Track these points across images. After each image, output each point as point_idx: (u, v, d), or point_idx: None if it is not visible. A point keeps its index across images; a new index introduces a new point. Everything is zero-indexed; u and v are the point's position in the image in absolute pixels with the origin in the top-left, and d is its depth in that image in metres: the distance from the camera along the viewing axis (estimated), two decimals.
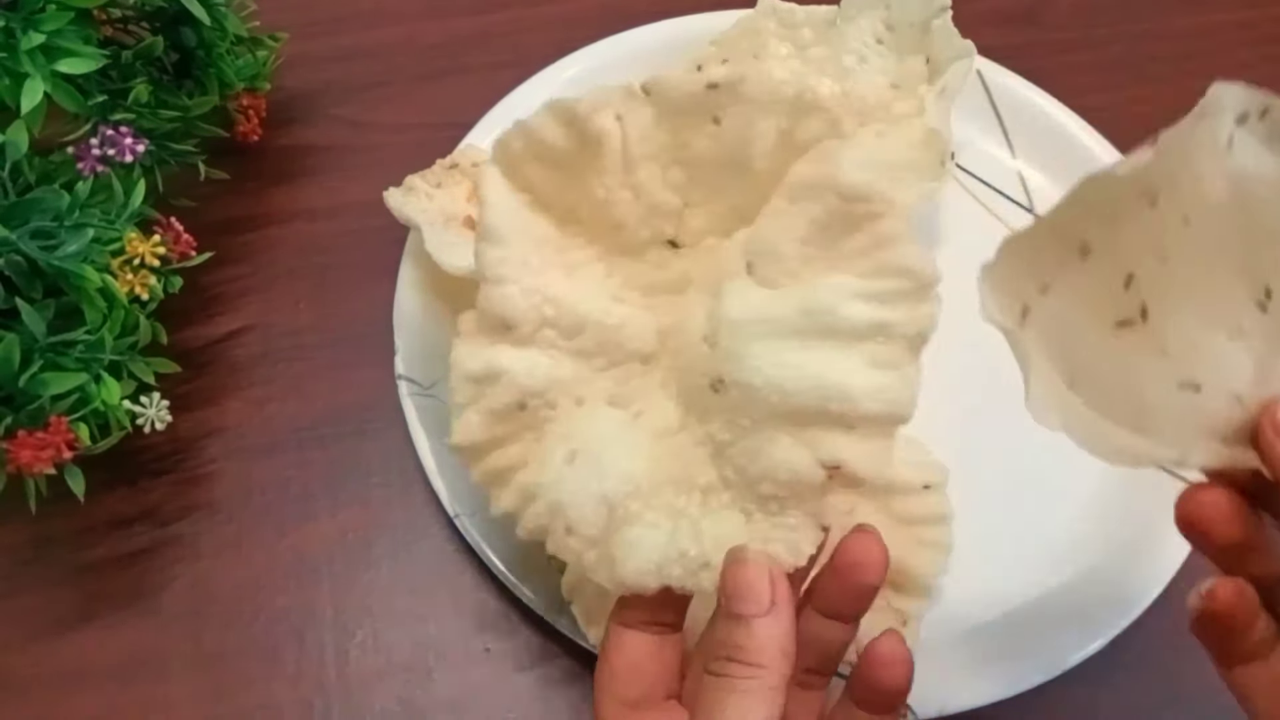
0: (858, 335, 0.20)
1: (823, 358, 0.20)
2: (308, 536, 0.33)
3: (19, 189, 0.29)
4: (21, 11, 0.28)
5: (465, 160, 0.36)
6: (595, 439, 0.23)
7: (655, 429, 0.23)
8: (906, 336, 0.20)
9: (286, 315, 0.37)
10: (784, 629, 0.20)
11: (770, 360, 0.20)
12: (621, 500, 0.22)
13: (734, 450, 0.22)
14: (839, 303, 0.20)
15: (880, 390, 0.20)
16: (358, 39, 0.45)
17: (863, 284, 0.20)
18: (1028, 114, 0.42)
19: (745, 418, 0.21)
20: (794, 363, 0.20)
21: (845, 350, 0.20)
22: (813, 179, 0.20)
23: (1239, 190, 0.20)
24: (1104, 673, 0.30)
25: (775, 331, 0.21)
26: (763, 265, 0.21)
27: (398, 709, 0.30)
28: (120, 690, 0.30)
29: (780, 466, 0.21)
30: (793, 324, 0.20)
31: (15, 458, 0.26)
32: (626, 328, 0.23)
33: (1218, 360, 0.20)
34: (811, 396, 0.20)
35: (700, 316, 0.22)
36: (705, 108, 0.22)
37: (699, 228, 0.23)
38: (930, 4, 0.37)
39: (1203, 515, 0.20)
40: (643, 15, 0.43)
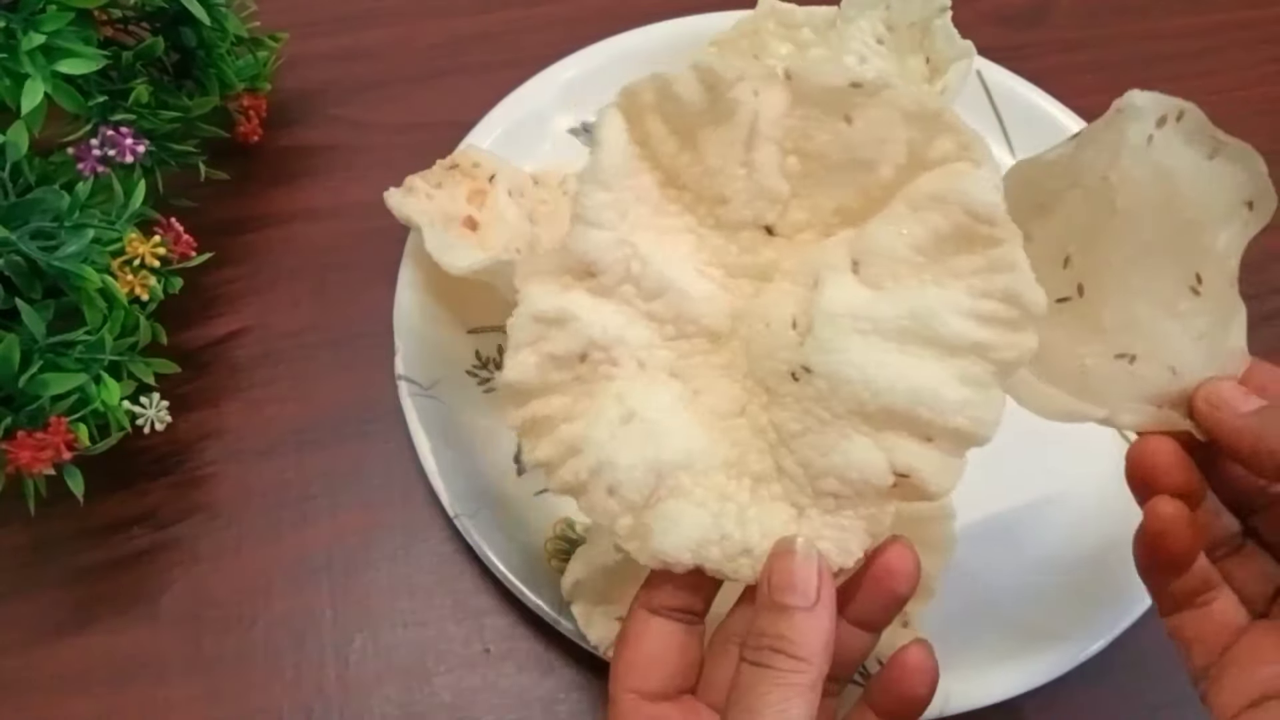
0: (956, 349, 0.21)
1: (920, 364, 0.21)
2: (307, 538, 0.33)
3: (19, 189, 0.29)
4: (22, 12, 0.28)
5: (465, 161, 0.36)
6: (654, 406, 0.22)
7: (713, 410, 0.23)
8: (1001, 361, 0.21)
9: (286, 316, 0.37)
10: (828, 625, 0.20)
11: (869, 357, 0.21)
12: (672, 472, 0.22)
13: (802, 442, 0.22)
14: (947, 314, 0.21)
15: (968, 405, 0.20)
16: (358, 39, 0.45)
17: (972, 301, 0.21)
18: (1028, 114, 0.42)
19: (825, 410, 0.21)
20: (893, 363, 0.21)
21: (942, 361, 0.21)
22: (944, 192, 0.21)
23: (1160, 184, 0.22)
24: (1104, 673, 0.30)
25: (877, 330, 0.21)
26: (870, 264, 0.21)
27: (397, 712, 0.30)
28: (118, 694, 0.30)
29: (852, 465, 0.21)
30: (897, 325, 0.21)
31: (15, 458, 0.26)
32: (706, 302, 0.23)
33: (1155, 336, 0.22)
34: (903, 399, 0.20)
35: (788, 305, 0.22)
36: (841, 104, 0.22)
37: (799, 220, 0.23)
38: (930, 4, 0.38)
39: (1153, 461, 0.22)
40: (643, 15, 0.43)
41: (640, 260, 0.23)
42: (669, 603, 0.22)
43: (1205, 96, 0.52)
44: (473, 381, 0.35)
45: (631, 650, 0.22)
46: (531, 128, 0.40)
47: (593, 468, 0.22)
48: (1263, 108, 0.46)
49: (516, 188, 0.37)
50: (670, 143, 0.23)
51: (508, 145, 0.39)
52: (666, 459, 0.22)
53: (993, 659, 0.30)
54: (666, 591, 0.22)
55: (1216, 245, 0.22)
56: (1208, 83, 0.47)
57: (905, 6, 0.38)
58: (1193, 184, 0.22)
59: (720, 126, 0.22)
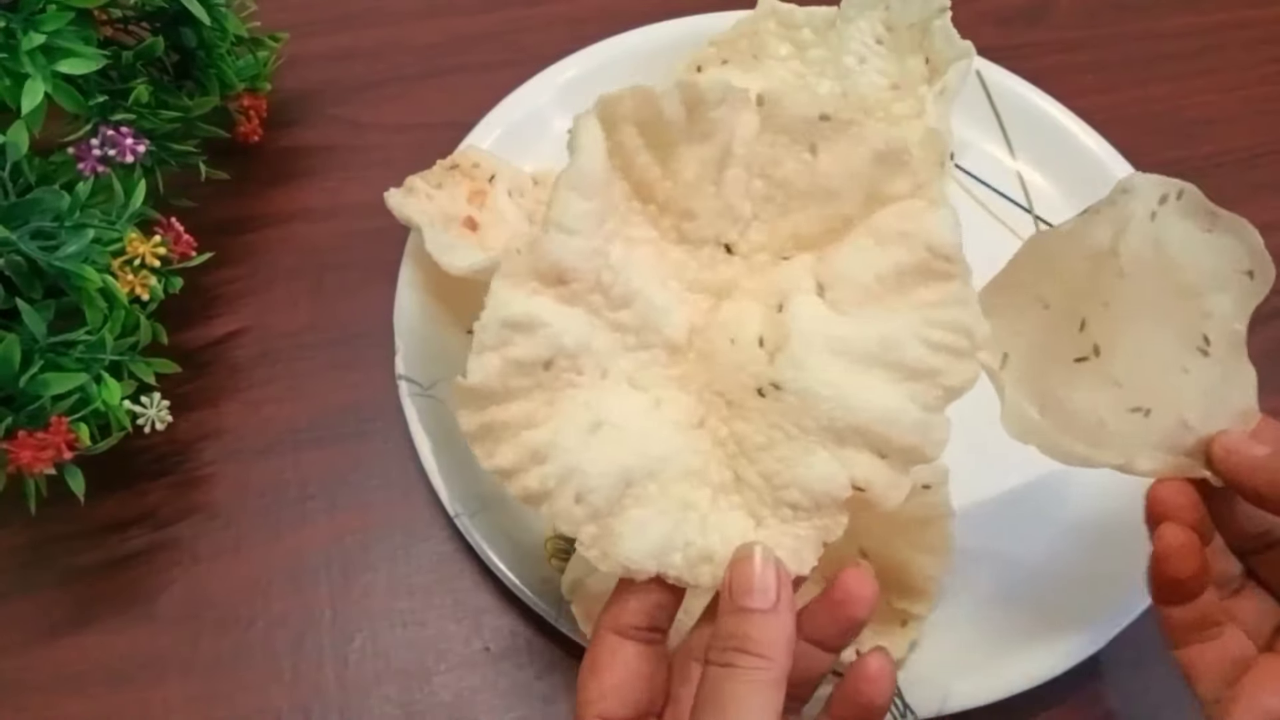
0: (914, 374, 0.22)
1: (883, 386, 0.22)
2: (306, 539, 0.33)
3: (19, 189, 0.29)
4: (22, 12, 0.28)
5: (465, 161, 0.36)
6: (622, 415, 0.23)
7: (674, 420, 0.23)
8: (948, 387, 0.23)
9: (286, 316, 0.37)
10: (788, 625, 0.21)
11: (841, 376, 0.22)
12: (640, 480, 0.22)
13: (766, 454, 0.23)
14: (908, 341, 0.22)
15: (921, 426, 0.22)
16: (358, 39, 0.45)
17: (927, 330, 0.23)
18: (1028, 114, 0.42)
19: (794, 425, 0.22)
20: (861, 383, 0.22)
21: (901, 384, 0.22)
22: (909, 229, 0.23)
23: (1161, 255, 0.24)
24: (1104, 672, 0.30)
25: (848, 351, 0.23)
26: (836, 289, 0.23)
27: (397, 712, 0.30)
28: (116, 694, 0.29)
29: (816, 477, 0.22)
30: (864, 349, 0.23)
31: (15, 458, 0.26)
32: (669, 314, 0.24)
33: (1167, 391, 0.24)
34: (868, 417, 0.22)
35: (753, 323, 0.24)
36: (808, 134, 0.23)
37: (756, 241, 0.24)
38: (930, 5, 0.38)
39: (1171, 502, 0.24)
40: (643, 16, 0.43)
41: (611, 269, 0.23)
42: (634, 621, 0.22)
43: (1205, 96, 0.52)
44: None
45: (603, 676, 0.22)
46: (531, 128, 0.40)
47: (560, 475, 0.22)
48: (1263, 107, 0.46)
49: (516, 188, 0.37)
50: (644, 155, 0.24)
51: (508, 145, 0.39)
52: (636, 467, 0.22)
53: (992, 658, 0.29)
54: (631, 610, 0.22)
55: (1218, 310, 0.24)
56: (1208, 82, 0.47)
57: (905, 7, 0.38)
58: (1191, 255, 0.24)
59: (699, 144, 0.23)
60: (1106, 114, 0.42)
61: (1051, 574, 0.32)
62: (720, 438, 0.23)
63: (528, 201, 0.37)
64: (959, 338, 0.22)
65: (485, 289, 0.33)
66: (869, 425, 0.22)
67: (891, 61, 0.39)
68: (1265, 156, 0.44)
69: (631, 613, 0.22)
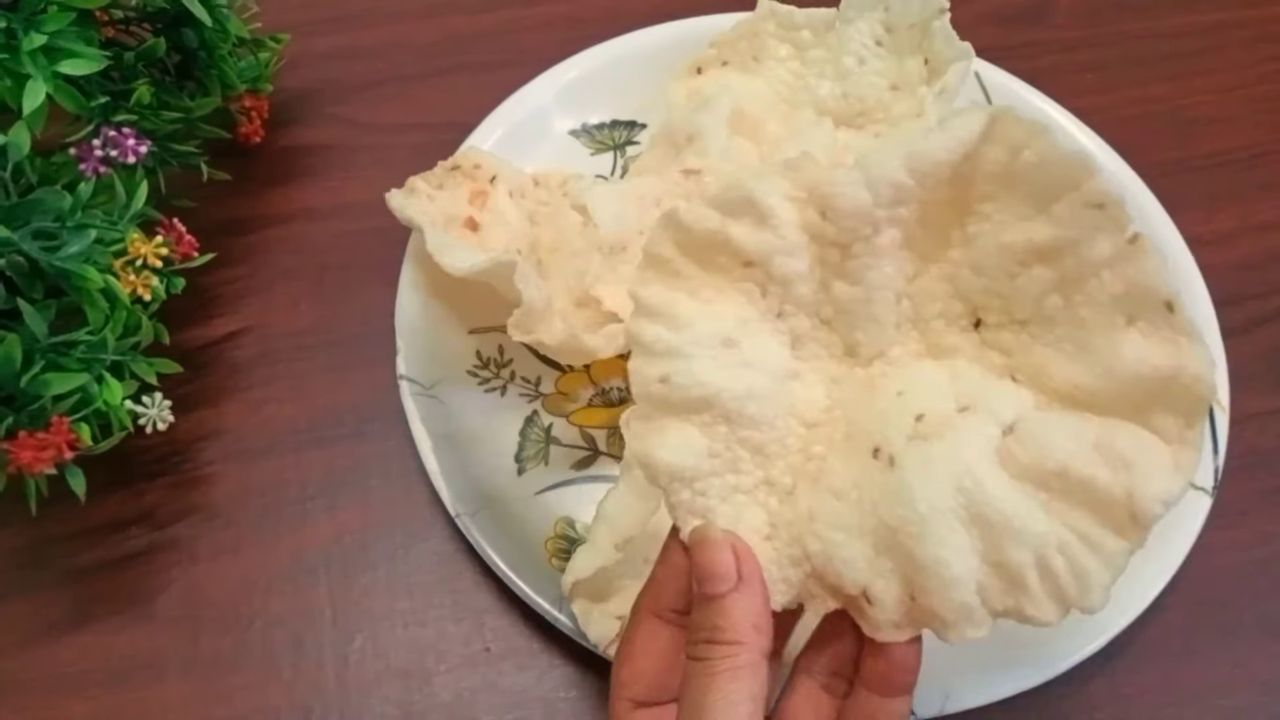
0: (1001, 571, 0.20)
1: (967, 555, 0.20)
2: (306, 539, 0.33)
3: (21, 190, 0.29)
4: (23, 12, 0.28)
5: (467, 162, 0.36)
6: (755, 355, 0.22)
7: (792, 402, 0.23)
8: (1019, 611, 0.21)
9: (287, 316, 0.37)
10: (755, 603, 0.20)
11: (948, 510, 0.20)
12: (718, 413, 0.22)
13: (828, 503, 0.22)
14: (1027, 546, 0.20)
15: (964, 612, 0.20)
16: (358, 39, 0.45)
17: (1053, 553, 0.20)
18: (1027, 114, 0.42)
19: (871, 502, 0.21)
20: (954, 534, 0.20)
21: (983, 566, 0.20)
22: (1132, 461, 0.20)
23: None
24: (1104, 673, 0.30)
25: (972, 502, 0.20)
26: (1018, 444, 0.21)
27: (397, 712, 0.30)
28: (116, 694, 0.30)
29: (843, 557, 0.21)
30: (989, 516, 0.20)
31: (16, 458, 0.26)
32: (879, 324, 0.23)
33: None
34: (931, 560, 0.20)
35: (929, 397, 0.22)
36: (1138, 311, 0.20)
37: (1005, 341, 0.22)
38: (929, 5, 0.38)
39: None
40: (643, 17, 0.43)
41: (868, 245, 0.22)
42: (674, 604, 0.22)
43: (1205, 96, 0.52)
44: (473, 381, 0.35)
45: (636, 661, 0.22)
46: (532, 129, 0.40)
47: (672, 348, 0.22)
48: (1263, 107, 0.46)
49: (517, 189, 0.37)
50: (989, 185, 0.22)
51: (508, 146, 0.39)
52: (726, 404, 0.22)
53: (992, 659, 0.29)
54: (670, 592, 0.22)
55: None
56: (1208, 82, 0.47)
57: (904, 8, 0.38)
58: None
59: (1044, 223, 0.21)
60: (1106, 114, 0.42)
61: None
62: (812, 453, 0.23)
63: (528, 202, 0.37)
64: (1074, 585, 0.20)
65: (486, 289, 0.33)
66: (924, 567, 0.20)
67: (891, 62, 0.39)
68: (1265, 156, 0.44)
69: (671, 595, 0.22)
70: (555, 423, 0.34)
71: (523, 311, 0.31)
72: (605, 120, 0.42)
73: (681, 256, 0.23)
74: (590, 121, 0.42)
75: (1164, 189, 0.39)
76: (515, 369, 0.35)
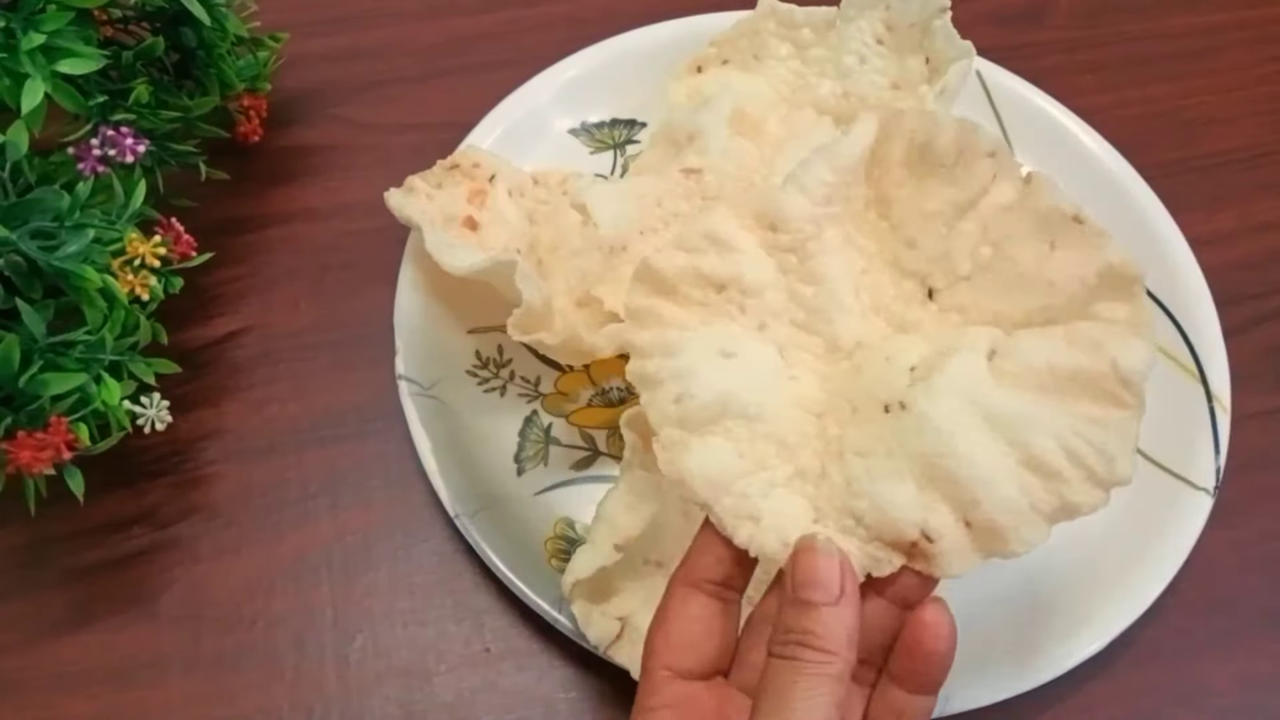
0: (1036, 466, 0.22)
1: (1000, 459, 0.22)
2: (307, 538, 0.33)
3: (19, 189, 0.29)
4: (22, 11, 0.28)
5: (465, 161, 0.36)
6: (755, 363, 0.24)
7: (796, 399, 0.24)
8: (1064, 500, 0.22)
9: (286, 316, 0.37)
10: (852, 619, 0.21)
11: (965, 424, 0.22)
12: (737, 417, 0.24)
13: (860, 461, 0.23)
14: (1045, 433, 0.22)
15: (1015, 513, 0.22)
16: (358, 39, 0.45)
17: (1072, 437, 0.22)
18: (1027, 114, 0.42)
19: (898, 444, 0.23)
20: (980, 442, 0.22)
21: (1018, 467, 0.22)
22: (1103, 342, 0.22)
23: None
24: (1104, 673, 0.30)
25: (984, 411, 0.22)
26: (1007, 359, 0.23)
27: (398, 712, 0.30)
28: (117, 693, 0.30)
29: (891, 502, 0.22)
30: (1002, 417, 0.22)
31: (15, 458, 0.26)
32: (847, 317, 0.25)
33: None
34: (969, 473, 0.22)
35: (915, 354, 0.24)
36: (1055, 229, 0.23)
37: (958, 301, 0.25)
38: (930, 4, 0.37)
39: None
40: (643, 16, 0.43)
41: (818, 244, 0.25)
42: (709, 575, 0.22)
43: (1205, 96, 0.52)
44: (473, 381, 0.35)
45: (670, 627, 0.22)
46: (531, 128, 0.40)
47: (676, 373, 0.24)
48: (1263, 107, 0.46)
49: (516, 188, 0.37)
50: (899, 172, 0.25)
51: (508, 145, 0.39)
52: (740, 404, 0.24)
53: (992, 659, 0.29)
54: (705, 564, 0.22)
55: None
56: (1208, 82, 0.47)
57: (905, 7, 0.38)
58: None
59: (951, 186, 0.24)
60: (1106, 114, 0.42)
61: (1052, 575, 0.32)
62: (829, 436, 0.24)
63: (528, 201, 0.37)
64: (1101, 461, 0.22)
65: (485, 289, 0.33)
66: (965, 481, 0.22)
67: (892, 61, 0.39)
68: (1265, 156, 0.44)
69: (706, 566, 0.22)
70: (555, 423, 0.34)
71: (523, 311, 0.31)
72: (605, 119, 0.42)
73: (660, 300, 0.25)
74: (590, 120, 0.42)
75: (1164, 189, 0.39)
76: (515, 369, 0.35)
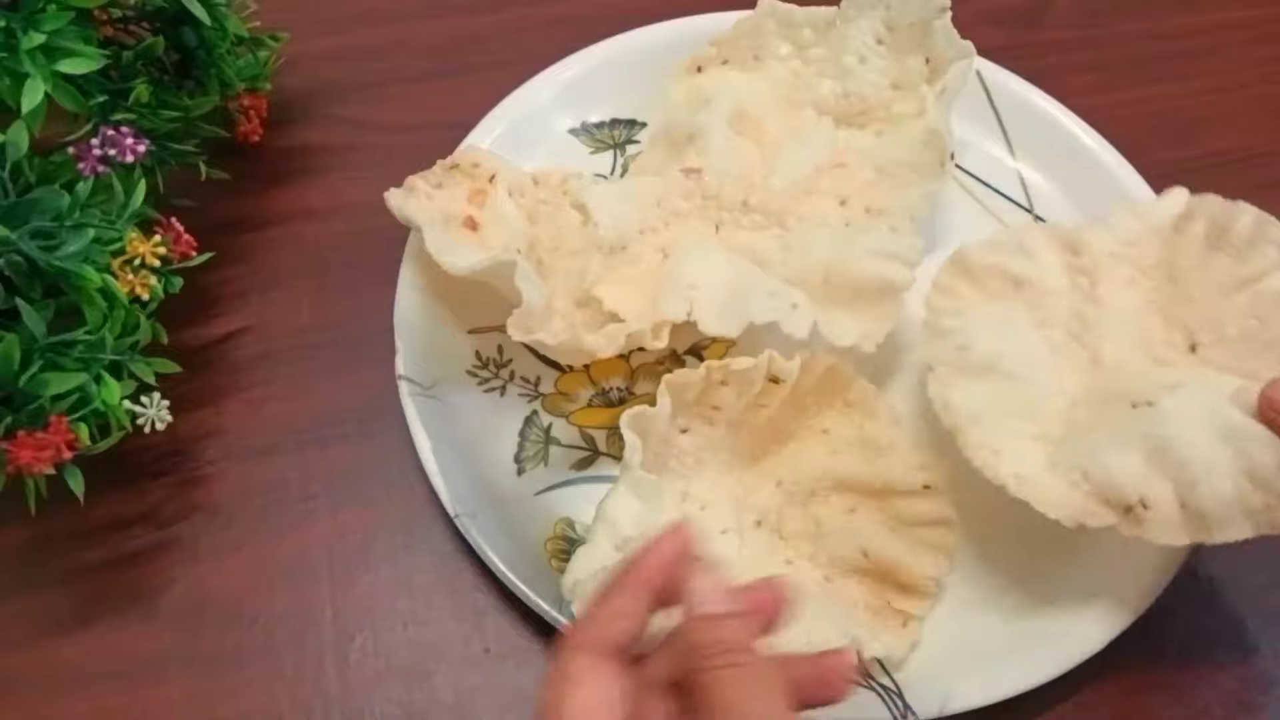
0: (1253, 475, 0.26)
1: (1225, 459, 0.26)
2: (307, 538, 0.33)
3: (19, 189, 0.29)
4: (22, 11, 0.28)
5: (466, 161, 0.36)
6: (1026, 342, 0.31)
7: (1055, 382, 0.30)
8: (1274, 518, 0.26)
9: (287, 316, 0.37)
10: (754, 629, 0.22)
11: (1203, 425, 0.27)
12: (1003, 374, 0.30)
13: (1101, 436, 0.28)
14: (1269, 454, 0.26)
15: (1227, 506, 0.26)
16: (358, 39, 0.45)
17: None
18: (1028, 114, 0.42)
19: (1138, 432, 0.27)
20: (1211, 442, 0.27)
21: (1238, 473, 0.26)
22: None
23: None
24: (1104, 673, 0.30)
25: (1221, 421, 0.27)
26: (1245, 396, 0.27)
27: (398, 712, 0.30)
28: (118, 692, 0.30)
29: (1121, 469, 0.27)
30: (1236, 430, 0.26)
31: (15, 458, 0.26)
32: (1118, 343, 0.32)
33: None
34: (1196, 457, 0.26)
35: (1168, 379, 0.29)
36: None
37: (1215, 359, 0.30)
38: (930, 4, 0.37)
39: None
40: (643, 15, 0.43)
41: (1109, 274, 0.31)
42: (618, 641, 0.22)
43: (1205, 96, 0.52)
44: (473, 381, 0.35)
45: (585, 691, 0.21)
46: (531, 128, 0.40)
47: (962, 327, 0.31)
48: (1263, 107, 0.46)
49: (517, 188, 0.37)
50: (1195, 243, 0.31)
51: (508, 145, 0.39)
52: (1007, 366, 0.30)
53: (992, 658, 0.29)
54: (617, 630, 0.22)
55: None
56: (1208, 82, 0.47)
57: (905, 6, 0.38)
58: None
59: (1237, 262, 0.30)
60: (1106, 114, 0.42)
61: (1053, 575, 0.32)
62: (1075, 416, 0.29)
63: (528, 201, 0.37)
64: None
65: (486, 289, 0.33)
66: (1190, 465, 0.26)
67: (892, 61, 0.39)
68: (1265, 156, 0.44)
69: (616, 633, 0.22)
70: (555, 423, 0.34)
71: (523, 311, 0.31)
72: (605, 119, 0.42)
73: (962, 282, 0.32)
74: (590, 120, 0.42)
75: (1165, 189, 0.39)
76: (515, 369, 0.35)
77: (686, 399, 0.31)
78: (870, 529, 0.30)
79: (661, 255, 0.36)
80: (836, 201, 0.37)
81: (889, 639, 0.29)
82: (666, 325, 0.32)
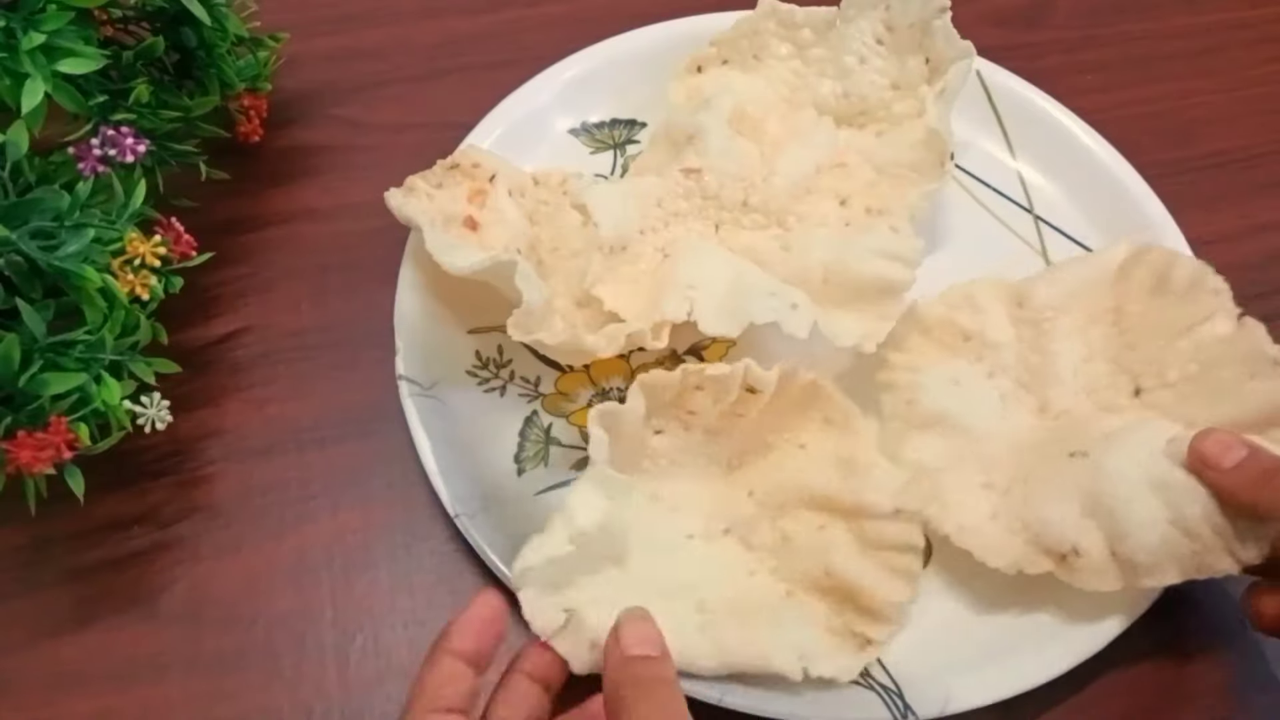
0: (1182, 526, 0.28)
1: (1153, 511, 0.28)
2: (307, 538, 0.33)
3: (19, 189, 0.29)
4: (22, 11, 0.28)
5: (466, 161, 0.36)
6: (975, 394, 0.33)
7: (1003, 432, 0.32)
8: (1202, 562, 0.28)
9: (287, 316, 0.37)
10: None
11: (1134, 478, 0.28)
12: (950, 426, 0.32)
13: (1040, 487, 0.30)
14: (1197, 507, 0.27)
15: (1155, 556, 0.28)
16: (358, 39, 0.45)
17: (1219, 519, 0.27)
18: (1028, 114, 0.42)
19: (1073, 482, 0.29)
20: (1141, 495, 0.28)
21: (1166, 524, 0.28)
22: None
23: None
24: (1104, 673, 0.30)
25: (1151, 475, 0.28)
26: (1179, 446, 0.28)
27: (398, 712, 0.30)
28: (118, 693, 0.30)
29: (1056, 520, 0.29)
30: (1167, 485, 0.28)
31: (15, 458, 0.26)
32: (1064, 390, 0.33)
33: None
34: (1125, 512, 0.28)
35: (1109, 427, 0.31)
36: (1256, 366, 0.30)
37: (1158, 403, 0.31)
38: (930, 5, 0.38)
39: None
40: (643, 16, 0.43)
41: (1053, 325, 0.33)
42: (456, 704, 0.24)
43: (1205, 96, 0.52)
44: (473, 381, 0.35)
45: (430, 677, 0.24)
46: (531, 128, 0.40)
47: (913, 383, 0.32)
48: (1263, 107, 0.46)
49: (517, 188, 0.37)
50: (1138, 291, 0.33)
51: (508, 145, 0.39)
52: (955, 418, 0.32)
53: (992, 658, 0.29)
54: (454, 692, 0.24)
55: None
56: (1208, 83, 0.47)
57: (905, 7, 0.38)
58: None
59: (1181, 305, 0.32)
60: (1106, 114, 0.42)
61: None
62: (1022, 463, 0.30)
63: (528, 201, 0.37)
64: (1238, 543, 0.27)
65: (486, 289, 0.33)
66: (1120, 519, 0.27)
67: (892, 61, 0.39)
68: (1265, 156, 0.44)
69: (452, 695, 0.24)
70: (555, 423, 0.34)
71: (523, 311, 0.31)
72: (605, 119, 0.42)
73: (914, 336, 0.34)
74: (590, 120, 0.42)
75: (1165, 189, 0.39)
76: (515, 369, 0.35)
77: (663, 400, 0.31)
78: (836, 548, 0.30)
79: (661, 255, 0.36)
80: (837, 201, 0.37)
81: (844, 661, 0.28)
82: (666, 325, 0.32)
